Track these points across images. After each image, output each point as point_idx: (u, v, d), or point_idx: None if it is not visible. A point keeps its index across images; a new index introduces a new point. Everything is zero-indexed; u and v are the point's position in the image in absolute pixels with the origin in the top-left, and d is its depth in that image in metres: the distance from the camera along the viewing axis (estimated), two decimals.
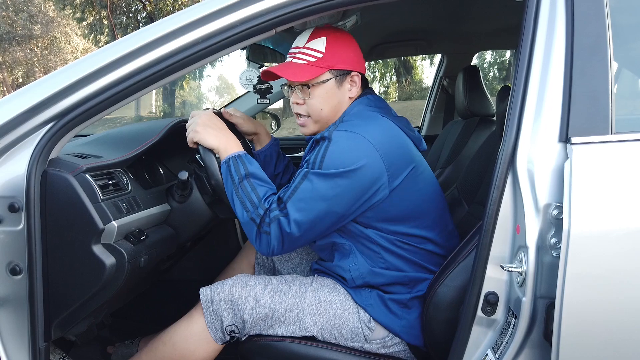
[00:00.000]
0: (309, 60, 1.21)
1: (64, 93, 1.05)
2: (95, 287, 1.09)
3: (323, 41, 1.22)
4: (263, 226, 1.11)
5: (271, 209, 1.12)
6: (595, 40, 0.93)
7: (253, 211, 1.13)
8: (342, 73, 1.22)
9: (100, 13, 13.42)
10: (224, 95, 33.72)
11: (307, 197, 1.09)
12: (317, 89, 1.22)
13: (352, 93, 1.25)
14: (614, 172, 0.88)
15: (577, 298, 0.85)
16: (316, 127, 1.26)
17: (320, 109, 1.23)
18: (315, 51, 1.21)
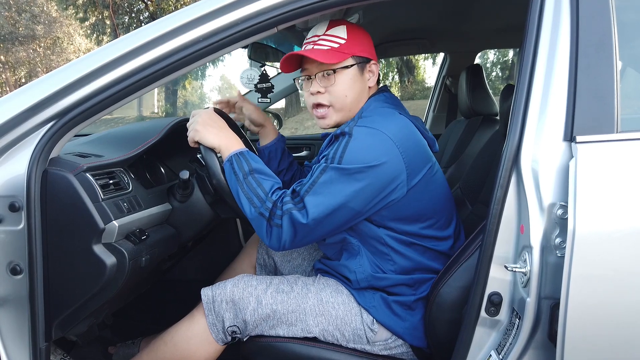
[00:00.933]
0: (331, 46, 1.20)
1: (64, 92, 1.04)
2: (96, 287, 1.08)
3: (343, 29, 1.21)
4: (274, 219, 1.10)
5: (284, 202, 1.10)
6: (601, 38, 0.92)
7: (261, 205, 1.11)
8: (363, 60, 1.21)
9: (103, 13, 13.42)
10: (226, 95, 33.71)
11: (325, 191, 1.07)
12: (342, 74, 1.20)
13: (371, 82, 1.24)
14: (620, 171, 0.87)
15: (582, 299, 0.84)
16: (338, 117, 1.23)
17: (345, 96, 1.21)
18: (337, 37, 1.20)
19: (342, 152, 1.08)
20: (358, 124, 1.12)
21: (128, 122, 8.94)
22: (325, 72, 1.20)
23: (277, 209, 1.10)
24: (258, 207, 1.11)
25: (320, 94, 1.22)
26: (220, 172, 1.23)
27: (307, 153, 2.48)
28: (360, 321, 1.18)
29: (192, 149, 1.58)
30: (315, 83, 1.22)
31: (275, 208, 1.10)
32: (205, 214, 1.36)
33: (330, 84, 1.20)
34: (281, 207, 1.10)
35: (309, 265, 1.46)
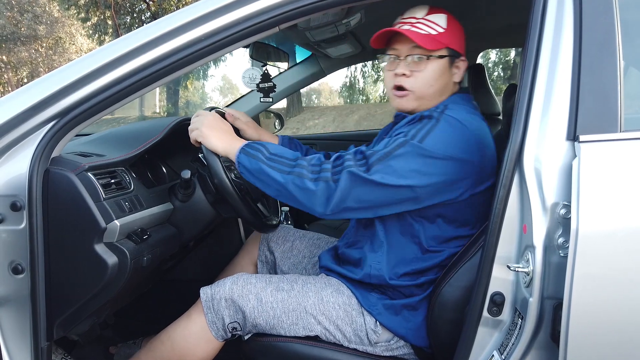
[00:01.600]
0: (429, 32, 1.15)
1: (66, 91, 1.04)
2: (98, 287, 1.08)
3: (444, 18, 1.17)
4: (325, 174, 1.06)
5: (344, 159, 1.06)
6: (604, 37, 0.91)
7: (297, 168, 1.08)
8: (454, 54, 1.18)
9: (105, 13, 13.44)
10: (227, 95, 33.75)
11: (398, 165, 1.04)
12: (433, 62, 1.16)
13: (456, 78, 1.21)
14: (623, 170, 0.86)
15: (586, 299, 0.84)
16: (415, 104, 1.19)
17: (430, 85, 1.17)
18: (436, 25, 1.17)
19: (425, 134, 1.06)
20: (447, 113, 1.10)
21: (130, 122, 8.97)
22: (417, 57, 1.16)
23: (334, 167, 1.07)
24: (294, 171, 1.07)
25: (405, 77, 1.18)
26: (222, 171, 1.23)
27: None
28: (362, 322, 1.18)
29: (194, 149, 1.57)
30: (403, 65, 1.18)
31: (327, 165, 1.07)
32: (207, 213, 1.36)
33: (420, 69, 1.16)
34: (341, 164, 1.06)
35: (309, 263, 1.46)
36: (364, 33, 1.93)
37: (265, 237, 1.53)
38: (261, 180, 1.12)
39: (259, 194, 1.44)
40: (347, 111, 13.18)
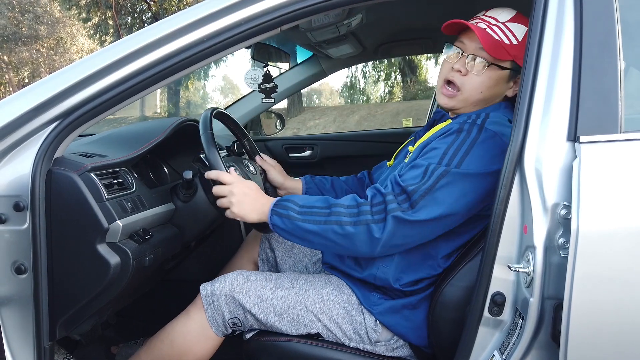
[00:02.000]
0: (502, 39, 1.12)
1: (69, 92, 1.04)
2: (100, 286, 1.09)
3: (523, 30, 1.13)
4: (362, 216, 1.05)
5: (386, 199, 1.04)
6: (605, 38, 0.92)
7: (332, 216, 1.06)
8: (518, 69, 1.14)
9: (106, 13, 13.45)
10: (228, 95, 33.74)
11: (442, 198, 1.03)
12: (493, 71, 1.13)
13: (510, 92, 1.18)
14: (624, 171, 0.86)
15: (586, 299, 0.84)
16: (459, 104, 1.18)
17: (480, 92, 1.15)
18: (513, 35, 1.13)
19: (464, 154, 1.04)
20: (487, 126, 1.08)
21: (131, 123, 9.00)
22: (479, 59, 1.13)
23: (374, 207, 1.05)
24: (334, 218, 1.06)
25: (459, 74, 1.15)
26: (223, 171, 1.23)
27: (310, 153, 2.48)
28: (361, 321, 1.18)
29: (195, 149, 1.58)
30: (463, 61, 1.15)
31: (366, 207, 1.06)
32: (209, 213, 1.36)
33: (477, 72, 1.13)
34: (381, 204, 1.05)
35: (310, 262, 1.46)
36: (364, 34, 1.94)
37: (266, 236, 1.53)
38: (300, 237, 1.10)
39: None
40: (347, 111, 13.19)
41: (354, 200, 1.08)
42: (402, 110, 12.04)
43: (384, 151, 2.53)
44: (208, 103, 23.95)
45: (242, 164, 1.46)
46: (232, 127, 1.56)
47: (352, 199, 1.09)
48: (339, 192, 1.53)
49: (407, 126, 3.76)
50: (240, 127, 1.57)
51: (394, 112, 12.07)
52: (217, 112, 1.41)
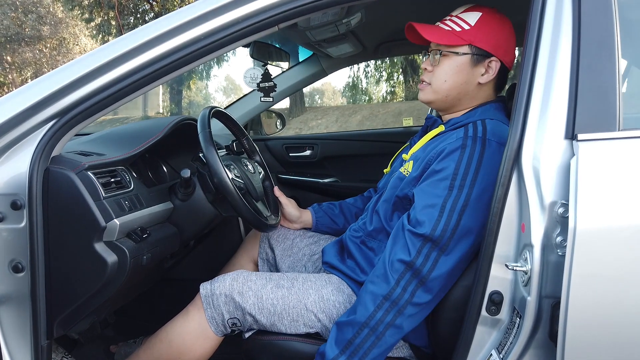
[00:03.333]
0: (453, 28, 1.17)
1: (66, 90, 1.04)
2: (97, 285, 1.09)
3: (476, 16, 1.17)
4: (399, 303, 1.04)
5: (416, 269, 1.03)
6: (603, 36, 0.91)
7: (378, 329, 1.04)
8: (482, 53, 1.16)
9: (108, 14, 13.48)
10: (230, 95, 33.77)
11: (469, 224, 1.03)
12: (448, 58, 1.17)
13: (483, 79, 1.18)
14: (622, 169, 0.86)
15: (584, 297, 0.84)
16: (432, 97, 1.20)
17: (444, 80, 1.17)
18: (464, 22, 1.17)
19: (473, 177, 1.04)
20: (489, 138, 1.07)
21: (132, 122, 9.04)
22: (435, 52, 1.18)
23: (404, 280, 1.04)
24: (381, 328, 1.04)
25: (427, 71, 1.21)
26: (222, 171, 1.23)
27: (310, 152, 2.48)
28: None
29: (194, 148, 1.58)
30: (428, 60, 1.21)
31: (398, 291, 1.04)
32: (207, 212, 1.36)
33: (435, 63, 1.18)
34: (412, 277, 1.04)
35: (309, 261, 1.46)
36: (364, 32, 1.93)
37: (265, 235, 1.53)
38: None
39: (258, 193, 1.44)
40: (349, 111, 13.18)
41: (380, 297, 1.04)
42: (404, 110, 12.02)
43: (384, 150, 2.53)
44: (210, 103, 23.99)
45: (241, 163, 1.46)
46: (231, 126, 1.56)
47: (371, 296, 1.05)
48: (348, 216, 1.54)
49: (408, 125, 3.75)
50: (239, 126, 1.57)
51: (396, 112, 12.05)
52: (216, 111, 1.41)
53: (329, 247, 1.35)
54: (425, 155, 1.14)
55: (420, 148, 1.20)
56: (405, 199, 1.15)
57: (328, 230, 1.53)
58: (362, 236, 1.27)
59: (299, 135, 3.15)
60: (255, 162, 1.55)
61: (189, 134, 1.50)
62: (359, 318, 1.05)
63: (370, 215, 1.27)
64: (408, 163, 1.20)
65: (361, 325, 1.05)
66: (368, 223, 1.26)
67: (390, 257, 1.06)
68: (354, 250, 1.26)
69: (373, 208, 1.27)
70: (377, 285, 1.06)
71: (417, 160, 1.17)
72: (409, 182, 1.14)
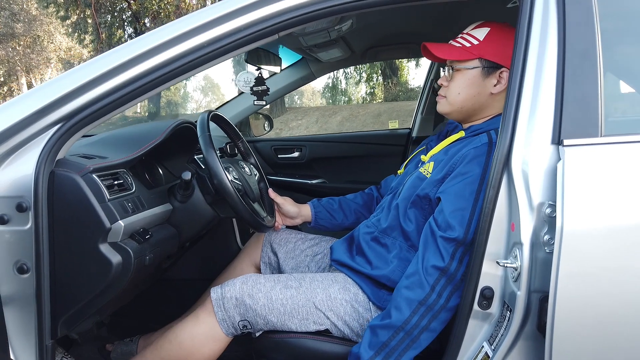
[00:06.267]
0: (463, 44, 1.24)
1: (71, 95, 1.06)
2: (102, 285, 1.11)
3: (484, 31, 1.23)
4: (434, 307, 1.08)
5: (450, 274, 1.07)
6: (586, 47, 0.98)
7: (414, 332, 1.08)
8: (492, 65, 1.21)
9: (85, 12, 13.24)
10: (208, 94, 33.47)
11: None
12: (460, 73, 1.24)
13: (495, 89, 1.22)
14: (604, 172, 0.92)
15: (570, 292, 0.89)
16: (449, 108, 1.27)
17: (457, 93, 1.24)
18: (473, 38, 1.24)
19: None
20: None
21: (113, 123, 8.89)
22: (449, 68, 1.26)
23: (440, 285, 1.08)
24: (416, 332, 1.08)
25: (443, 86, 1.28)
26: (222, 172, 1.26)
27: (299, 154, 2.52)
28: (369, 317, 1.22)
29: (190, 150, 1.61)
30: (444, 75, 1.29)
31: (433, 297, 1.08)
32: (205, 213, 1.39)
33: (450, 78, 1.26)
34: (447, 282, 1.08)
35: (312, 261, 1.50)
36: (354, 38, 1.98)
37: (268, 239, 1.56)
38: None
39: (255, 195, 1.48)
40: (330, 112, 13.25)
41: (415, 303, 1.08)
42: (383, 111, 12.14)
43: (371, 152, 2.60)
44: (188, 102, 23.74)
45: (238, 165, 1.49)
46: (227, 129, 1.59)
47: (406, 302, 1.09)
48: (347, 212, 1.57)
49: (393, 128, 3.82)
50: (235, 129, 1.60)
51: (375, 113, 12.17)
52: (214, 114, 1.44)
53: (337, 244, 1.39)
54: (449, 159, 1.19)
55: (441, 151, 1.26)
56: (425, 198, 1.20)
57: (327, 224, 1.56)
58: (375, 232, 1.30)
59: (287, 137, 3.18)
60: (250, 164, 1.58)
61: (185, 137, 1.52)
62: (395, 322, 1.08)
63: (386, 212, 1.31)
64: (428, 164, 1.25)
65: (397, 329, 1.08)
66: (383, 220, 1.30)
67: (424, 264, 1.10)
68: (365, 247, 1.30)
69: (389, 206, 1.31)
70: (412, 290, 1.09)
71: (438, 163, 1.21)
72: (432, 183, 1.19)
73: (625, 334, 0.92)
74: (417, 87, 15.37)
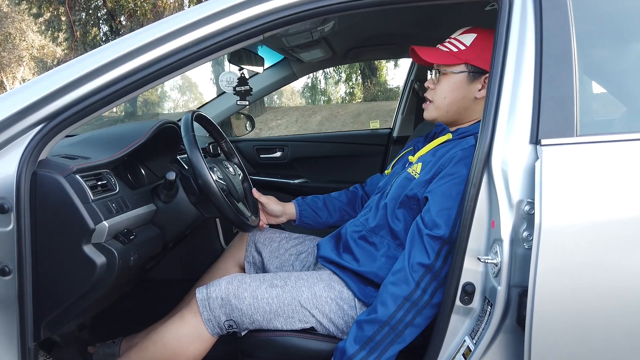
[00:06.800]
0: (451, 49, 1.27)
1: (54, 95, 1.05)
2: (86, 286, 1.10)
3: (472, 37, 1.26)
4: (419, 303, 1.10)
5: (435, 271, 1.09)
6: (562, 50, 1.01)
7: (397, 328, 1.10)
8: (477, 71, 1.24)
9: (58, 9, 12.95)
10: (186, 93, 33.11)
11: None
12: (446, 77, 1.26)
13: (480, 94, 1.25)
14: (580, 170, 0.96)
15: (548, 286, 0.92)
16: (435, 114, 1.30)
17: (444, 97, 1.27)
18: (460, 43, 1.27)
19: None
20: None
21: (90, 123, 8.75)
22: (436, 71, 1.29)
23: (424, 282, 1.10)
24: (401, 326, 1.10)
25: (429, 89, 1.31)
26: (206, 172, 1.26)
27: (281, 154, 2.53)
28: (353, 314, 1.24)
29: (173, 151, 1.60)
30: (431, 79, 1.31)
31: (418, 293, 1.10)
32: (189, 213, 1.39)
33: (436, 81, 1.29)
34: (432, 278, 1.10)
35: (297, 260, 1.51)
36: (336, 39, 2.00)
37: (252, 239, 1.57)
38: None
39: (239, 195, 1.48)
40: (309, 112, 13.25)
41: (401, 298, 1.10)
42: (363, 111, 12.20)
43: (353, 152, 2.62)
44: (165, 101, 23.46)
45: (222, 165, 1.49)
46: (211, 129, 1.59)
47: (391, 297, 1.11)
48: (332, 210, 1.59)
49: (375, 128, 3.86)
50: (218, 129, 1.61)
51: (355, 112, 12.22)
52: (197, 114, 1.44)
53: (324, 242, 1.40)
54: (436, 160, 1.22)
55: (429, 152, 1.28)
56: (413, 198, 1.22)
57: (311, 222, 1.58)
58: (363, 231, 1.32)
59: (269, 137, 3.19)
60: (234, 164, 1.58)
61: (168, 137, 1.52)
62: (381, 317, 1.10)
63: (373, 212, 1.33)
64: (416, 165, 1.27)
65: (382, 323, 1.10)
66: (371, 219, 1.32)
67: (410, 261, 1.12)
68: (352, 245, 1.32)
69: (377, 205, 1.33)
70: (398, 286, 1.11)
71: (427, 164, 1.24)
72: (420, 184, 1.21)
73: (601, 325, 0.95)
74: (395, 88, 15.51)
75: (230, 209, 1.31)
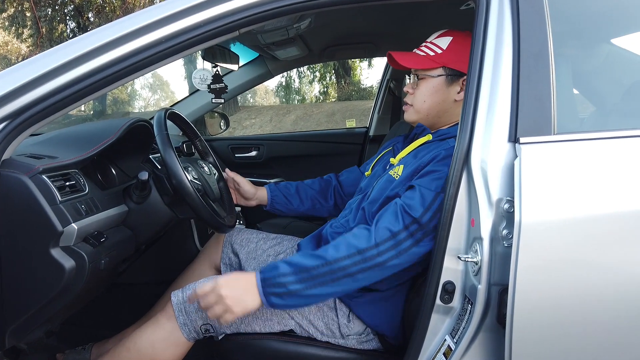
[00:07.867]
0: (427, 53, 1.26)
1: (19, 91, 1.00)
2: (54, 292, 1.05)
3: (447, 40, 1.26)
4: (378, 258, 1.07)
5: (398, 239, 1.08)
6: (539, 49, 1.02)
7: (338, 272, 1.07)
8: (455, 73, 1.24)
9: (23, 4, 12.54)
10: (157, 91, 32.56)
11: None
12: (425, 81, 1.26)
13: (459, 96, 1.25)
14: (558, 168, 0.97)
15: (528, 284, 0.93)
16: (415, 117, 1.30)
17: (423, 101, 1.27)
18: (436, 46, 1.26)
19: None
20: None
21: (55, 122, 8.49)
22: (414, 75, 1.29)
23: (384, 246, 1.08)
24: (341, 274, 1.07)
25: (409, 94, 1.31)
26: (181, 172, 1.23)
27: (256, 153, 2.50)
28: (333, 316, 1.22)
29: (144, 150, 1.55)
30: (410, 83, 1.32)
31: (373, 251, 1.08)
32: (163, 215, 1.35)
33: (417, 86, 1.28)
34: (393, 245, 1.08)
35: (275, 260, 1.47)
36: (312, 37, 1.98)
37: (228, 240, 1.53)
38: (313, 302, 1.11)
39: (215, 195, 1.45)
40: (283, 111, 13.20)
41: (354, 249, 1.08)
42: (337, 110, 12.22)
43: (328, 151, 2.61)
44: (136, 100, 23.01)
45: (197, 164, 1.46)
46: (184, 128, 1.55)
47: (346, 245, 1.09)
48: (304, 197, 1.58)
49: (351, 127, 3.86)
50: (193, 128, 1.57)
51: (329, 112, 12.22)
52: (170, 112, 1.40)
53: (305, 242, 1.38)
54: (417, 161, 1.21)
55: (410, 153, 1.28)
56: (394, 197, 1.21)
57: (282, 209, 1.57)
58: (344, 232, 1.30)
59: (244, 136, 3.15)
60: (209, 164, 1.55)
61: (140, 136, 1.47)
62: (327, 256, 1.08)
63: (354, 213, 1.32)
64: (398, 167, 1.26)
65: (325, 262, 1.07)
66: (351, 220, 1.31)
67: (379, 223, 1.11)
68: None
69: (358, 207, 1.31)
70: (357, 239, 1.09)
71: (408, 165, 1.23)
72: (401, 183, 1.21)
73: (581, 322, 0.96)
74: (369, 87, 15.58)
75: (206, 210, 1.27)
